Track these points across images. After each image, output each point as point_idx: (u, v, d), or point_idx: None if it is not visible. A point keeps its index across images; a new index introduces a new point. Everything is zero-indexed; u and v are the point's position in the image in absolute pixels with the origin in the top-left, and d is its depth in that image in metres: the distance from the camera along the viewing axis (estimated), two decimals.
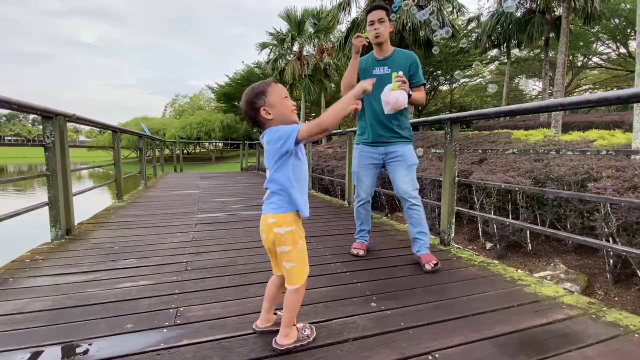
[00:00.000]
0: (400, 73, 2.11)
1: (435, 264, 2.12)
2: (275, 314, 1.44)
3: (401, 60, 2.27)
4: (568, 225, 4.13)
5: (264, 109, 1.25)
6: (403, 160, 2.30)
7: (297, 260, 1.27)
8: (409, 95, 2.20)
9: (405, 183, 2.28)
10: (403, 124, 2.34)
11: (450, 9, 13.53)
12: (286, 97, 1.30)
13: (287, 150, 1.22)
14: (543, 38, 14.42)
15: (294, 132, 1.20)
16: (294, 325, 1.33)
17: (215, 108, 39.18)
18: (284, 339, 1.29)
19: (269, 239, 1.27)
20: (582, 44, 20.12)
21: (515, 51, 19.53)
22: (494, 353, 1.27)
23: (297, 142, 1.21)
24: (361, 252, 2.42)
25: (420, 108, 26.38)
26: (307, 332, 1.35)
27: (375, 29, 2.19)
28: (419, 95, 2.30)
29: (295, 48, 19.68)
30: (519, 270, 2.13)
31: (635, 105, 6.00)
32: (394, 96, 2.07)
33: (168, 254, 2.41)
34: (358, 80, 2.24)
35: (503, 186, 2.77)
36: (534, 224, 4.41)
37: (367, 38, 2.16)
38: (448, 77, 24.93)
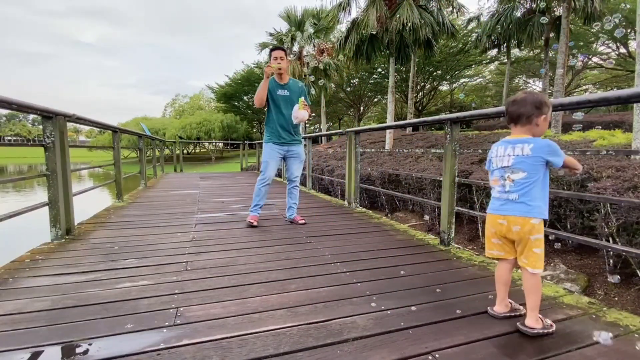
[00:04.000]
0: (303, 98, 3.19)
1: (304, 221, 3.33)
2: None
3: (295, 87, 3.29)
4: (568, 225, 4.13)
5: (545, 117, 1.43)
6: (298, 156, 3.43)
7: (543, 246, 1.40)
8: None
9: (297, 172, 3.45)
10: (297, 130, 3.43)
11: (450, 9, 13.51)
12: None
13: (550, 164, 1.41)
14: (543, 38, 14.40)
15: (563, 157, 1.42)
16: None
17: (215, 108, 39.18)
18: (536, 323, 1.37)
19: (525, 230, 1.39)
20: (582, 43, 20.09)
21: (515, 51, 19.50)
22: (494, 353, 1.27)
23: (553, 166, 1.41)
24: (255, 223, 3.26)
25: (420, 108, 26.42)
26: (549, 322, 1.40)
27: (278, 63, 3.13)
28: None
29: (295, 48, 19.64)
30: (519, 271, 2.13)
31: (635, 105, 6.00)
32: (301, 114, 3.18)
33: (168, 254, 2.41)
34: (267, 98, 3.22)
35: None
36: None
37: (274, 69, 3.13)
38: (448, 76, 24.91)
